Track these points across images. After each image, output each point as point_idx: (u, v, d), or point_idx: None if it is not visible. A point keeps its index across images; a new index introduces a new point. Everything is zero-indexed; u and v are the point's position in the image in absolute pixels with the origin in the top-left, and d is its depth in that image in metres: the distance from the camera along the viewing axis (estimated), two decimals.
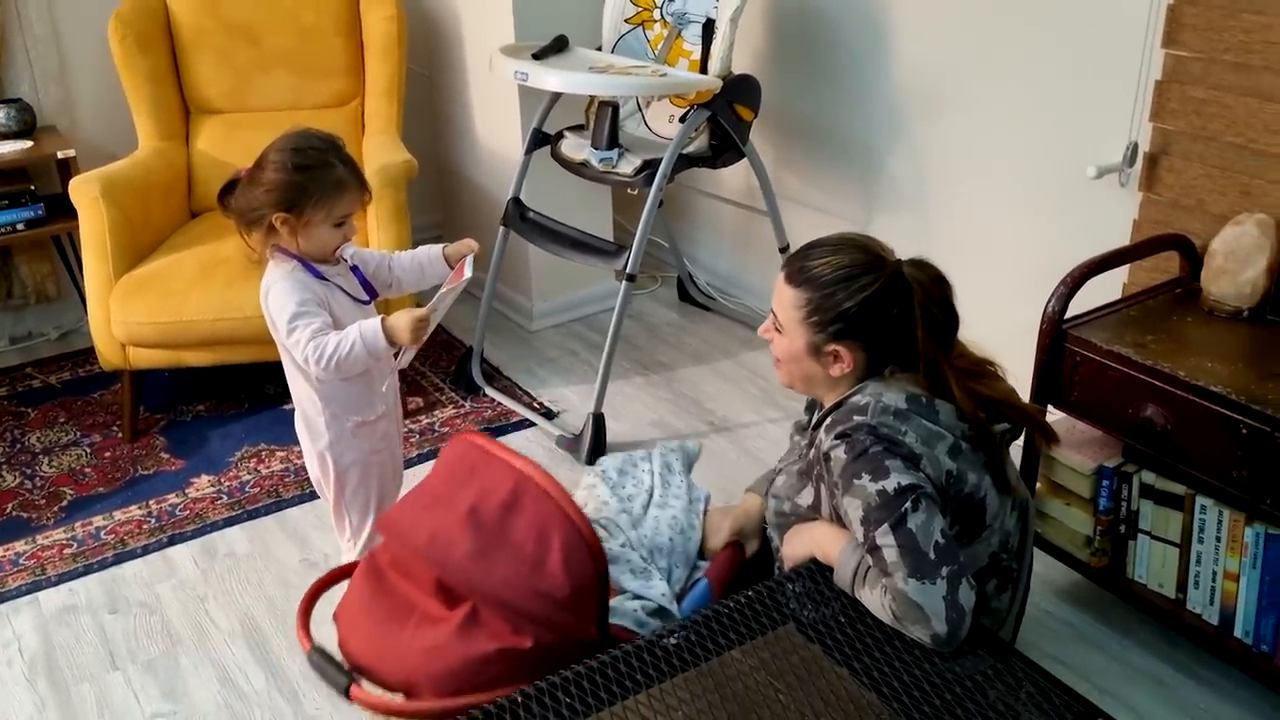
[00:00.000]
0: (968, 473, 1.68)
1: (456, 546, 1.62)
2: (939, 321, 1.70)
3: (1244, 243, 2.15)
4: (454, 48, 3.65)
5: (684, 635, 1.57)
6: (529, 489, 1.64)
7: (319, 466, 2.19)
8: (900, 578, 1.54)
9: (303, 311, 1.98)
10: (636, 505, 1.98)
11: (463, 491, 1.69)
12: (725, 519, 1.97)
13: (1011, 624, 1.91)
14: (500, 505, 1.64)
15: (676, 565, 1.90)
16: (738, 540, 1.96)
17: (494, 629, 1.58)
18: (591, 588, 1.61)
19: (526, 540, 1.61)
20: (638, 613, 1.77)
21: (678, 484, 2.05)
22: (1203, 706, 2.12)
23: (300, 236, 2.00)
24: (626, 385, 3.31)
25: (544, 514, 1.62)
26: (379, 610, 1.69)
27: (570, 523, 1.61)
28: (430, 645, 1.60)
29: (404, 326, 1.95)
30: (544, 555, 1.59)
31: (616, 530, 1.91)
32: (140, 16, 3.27)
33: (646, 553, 1.89)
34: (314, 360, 1.97)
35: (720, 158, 3.07)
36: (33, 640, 2.39)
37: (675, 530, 1.93)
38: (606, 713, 1.45)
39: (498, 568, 1.60)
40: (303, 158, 1.97)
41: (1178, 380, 1.97)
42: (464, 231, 3.83)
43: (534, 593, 1.58)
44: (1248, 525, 1.99)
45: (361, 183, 2.04)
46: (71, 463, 3.00)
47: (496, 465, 1.69)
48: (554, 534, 1.61)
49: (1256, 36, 2.16)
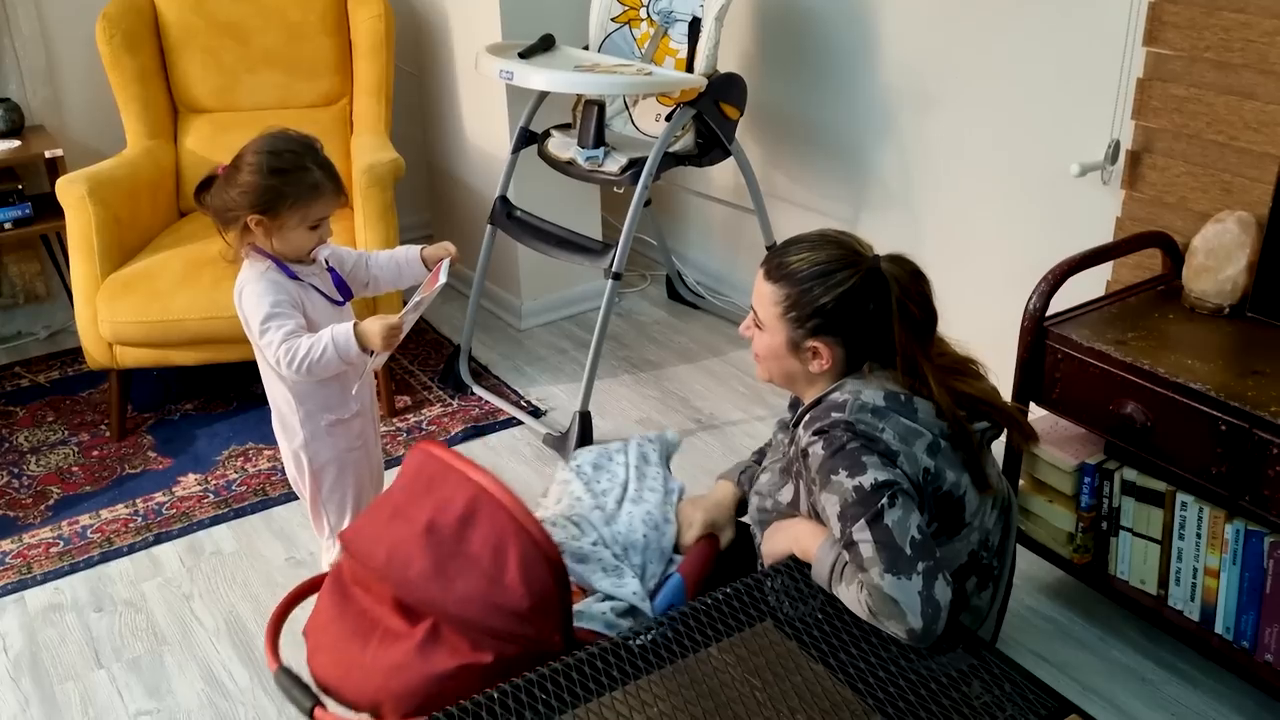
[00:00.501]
0: (946, 470, 1.69)
1: (413, 565, 1.62)
2: (916, 317, 1.71)
3: (1225, 240, 2.15)
4: (442, 46, 3.66)
5: (657, 634, 1.57)
6: (485, 502, 1.64)
7: (294, 465, 2.20)
8: (876, 573, 1.55)
9: (276, 313, 1.98)
10: (610, 500, 1.98)
11: (421, 504, 1.69)
12: (697, 511, 1.97)
13: (993, 621, 1.91)
14: (457, 519, 1.64)
15: (651, 561, 1.89)
16: (711, 533, 1.96)
17: (454, 645, 1.58)
18: (552, 597, 1.60)
19: (483, 554, 1.61)
20: (607, 614, 1.76)
21: (654, 475, 2.04)
22: (1184, 702, 2.13)
23: (275, 238, 2.00)
24: (614, 383, 3.31)
25: (499, 526, 1.62)
26: (344, 627, 1.69)
27: (526, 534, 1.61)
28: (392, 664, 1.60)
29: (376, 332, 1.96)
30: (501, 569, 1.59)
31: (589, 527, 1.91)
32: (128, 16, 3.27)
33: (620, 549, 1.88)
34: (285, 363, 1.97)
35: (706, 156, 3.07)
36: (17, 639, 2.39)
37: (649, 526, 1.92)
38: (583, 709, 1.45)
39: (455, 584, 1.60)
40: (278, 160, 1.96)
41: (1158, 377, 1.98)
42: (452, 231, 3.85)
43: (492, 608, 1.58)
44: (1228, 522, 1.99)
45: (338, 186, 2.04)
46: (59, 462, 3.00)
47: (453, 477, 1.68)
48: (510, 547, 1.60)
49: (1237, 34, 2.16)
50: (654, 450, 2.10)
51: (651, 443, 2.12)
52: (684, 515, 1.98)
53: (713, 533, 1.96)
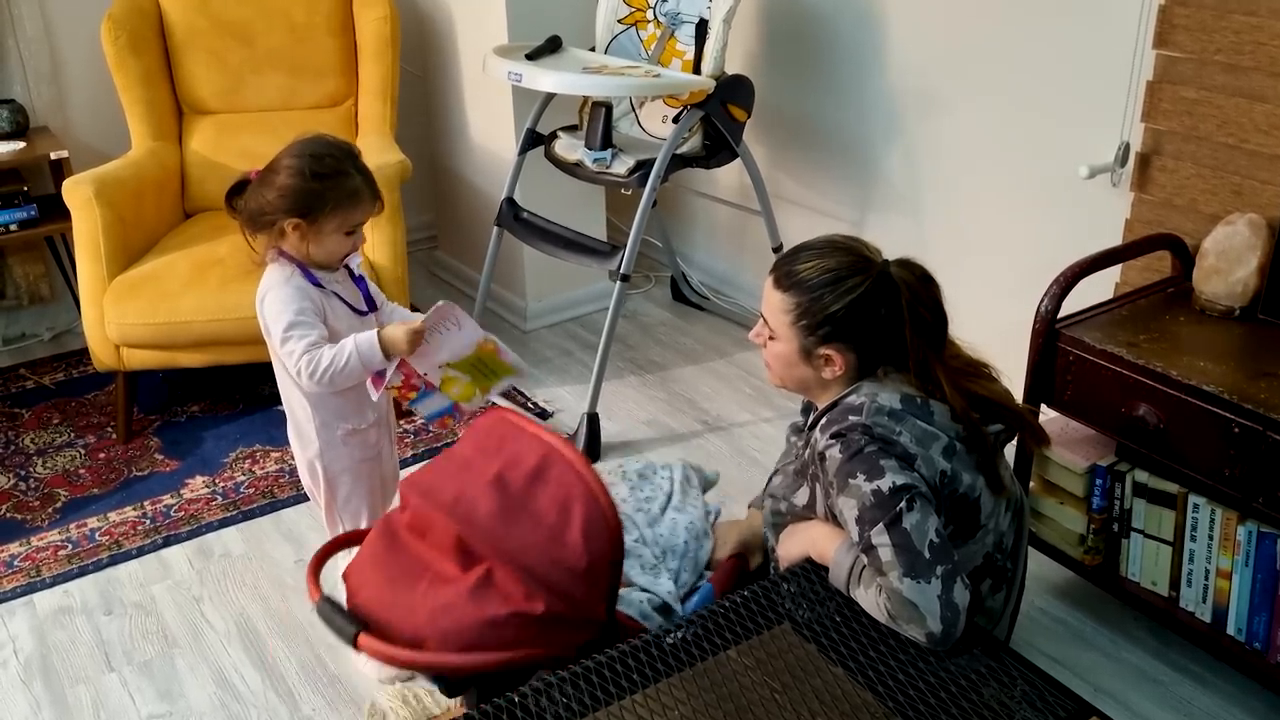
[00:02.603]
0: (962, 473, 1.69)
1: (480, 506, 1.64)
2: (927, 321, 1.71)
3: (1235, 242, 2.16)
4: (447, 48, 3.65)
5: (687, 632, 1.58)
6: (556, 461, 1.66)
7: (309, 474, 2.19)
8: (895, 577, 1.55)
9: (300, 321, 1.98)
10: (654, 506, 2.00)
11: (491, 460, 1.70)
12: (732, 531, 2.00)
13: (1006, 623, 1.92)
14: (527, 474, 1.66)
15: (685, 570, 1.91)
16: (741, 553, 1.97)
17: (508, 592, 1.59)
18: (605, 565, 1.62)
19: (549, 509, 1.63)
20: (643, 605, 1.78)
21: (695, 496, 2.07)
22: (1196, 703, 2.13)
23: (311, 243, 1.99)
24: (620, 385, 3.31)
25: (569, 486, 1.64)
26: (392, 568, 1.70)
27: (594, 497, 1.62)
28: (442, 603, 1.61)
29: (400, 337, 1.95)
30: (565, 526, 1.61)
31: (631, 526, 1.93)
32: (132, 17, 3.27)
33: (659, 551, 1.90)
34: (307, 374, 1.97)
35: (714, 158, 3.07)
36: (28, 642, 2.39)
37: (691, 535, 1.94)
38: (603, 712, 1.45)
39: (519, 530, 1.61)
40: (320, 165, 1.96)
41: (1170, 379, 1.98)
42: (458, 232, 3.86)
43: (551, 560, 1.59)
44: (1240, 524, 2.00)
45: (375, 192, 2.04)
46: (66, 464, 3.00)
47: (526, 438, 1.71)
48: (576, 506, 1.62)
49: (1247, 37, 2.17)
50: (695, 477, 2.14)
51: (695, 471, 2.15)
52: (719, 533, 2.01)
53: (743, 553, 1.97)
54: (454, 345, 2.02)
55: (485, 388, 2.10)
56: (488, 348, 2.05)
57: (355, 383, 2.04)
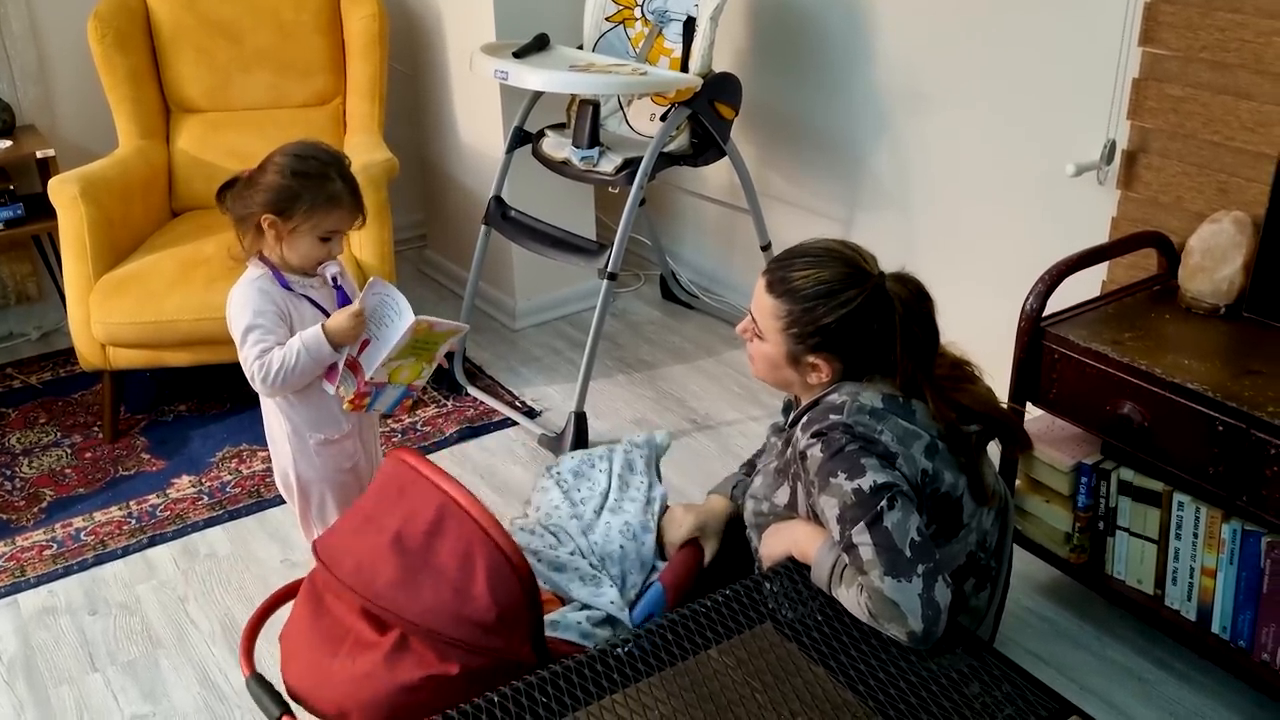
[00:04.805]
0: (944, 472, 1.69)
1: (380, 575, 1.62)
2: (919, 338, 1.70)
3: (1221, 240, 2.16)
4: (436, 46, 3.65)
5: (634, 645, 1.56)
6: (452, 511, 1.63)
7: (281, 481, 2.19)
8: (876, 575, 1.55)
9: (256, 325, 1.98)
10: (588, 510, 1.96)
11: (391, 513, 1.68)
12: (689, 514, 1.96)
13: (991, 622, 1.92)
14: (425, 529, 1.64)
15: (631, 570, 1.88)
16: (697, 540, 1.95)
17: (421, 656, 1.58)
18: (520, 608, 1.60)
19: (450, 564, 1.60)
20: (583, 624, 1.75)
21: (637, 484, 2.02)
22: (1180, 701, 2.13)
23: (285, 243, 1.99)
24: (609, 383, 3.31)
25: (468, 537, 1.61)
26: (316, 635, 1.68)
27: (493, 545, 1.60)
28: (360, 673, 1.60)
29: (343, 324, 1.96)
30: (469, 579, 1.59)
31: (566, 537, 1.90)
32: (119, 15, 3.25)
33: (597, 559, 1.87)
34: (259, 378, 1.97)
35: (701, 156, 3.07)
36: (11, 642, 2.38)
37: (626, 537, 1.90)
38: (583, 712, 1.45)
39: (422, 594, 1.59)
40: (302, 164, 1.96)
41: (1155, 378, 1.98)
42: (446, 231, 3.85)
43: (459, 619, 1.57)
44: (1225, 522, 2.00)
45: (357, 203, 2.03)
46: (52, 463, 2.99)
47: (423, 486, 1.68)
48: (478, 557, 1.60)
49: (1232, 34, 2.17)
50: (641, 456, 2.08)
51: (639, 448, 2.10)
52: (674, 515, 1.97)
53: (699, 541, 1.95)
54: (391, 339, 2.00)
55: (430, 358, 2.09)
56: (421, 328, 2.02)
57: (310, 380, 2.03)
